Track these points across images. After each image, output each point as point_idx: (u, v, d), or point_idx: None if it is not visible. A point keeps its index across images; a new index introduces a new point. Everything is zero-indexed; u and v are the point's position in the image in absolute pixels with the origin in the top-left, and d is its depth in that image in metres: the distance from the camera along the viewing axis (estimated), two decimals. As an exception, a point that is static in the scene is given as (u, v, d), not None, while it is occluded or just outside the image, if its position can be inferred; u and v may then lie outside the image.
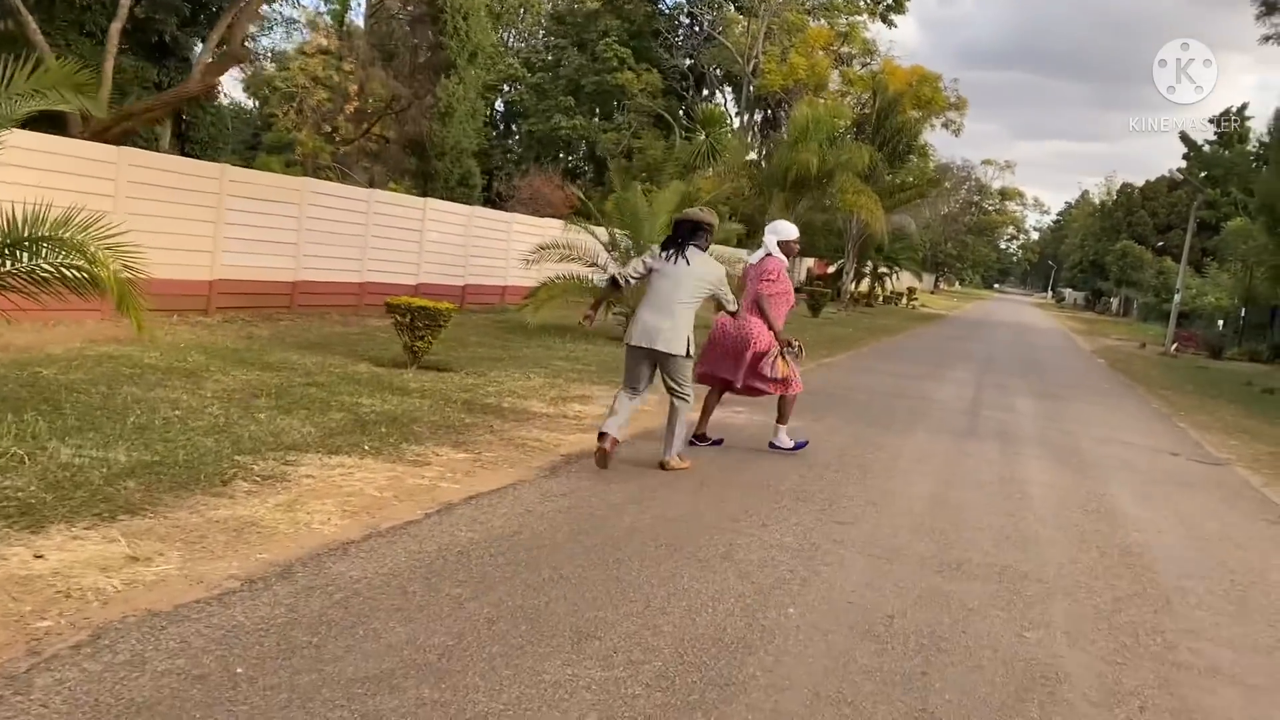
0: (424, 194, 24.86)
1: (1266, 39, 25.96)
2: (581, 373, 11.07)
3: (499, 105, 58.86)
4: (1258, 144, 44.09)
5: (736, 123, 46.20)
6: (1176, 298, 32.52)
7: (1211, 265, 48.95)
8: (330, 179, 21.45)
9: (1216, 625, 4.68)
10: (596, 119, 49.09)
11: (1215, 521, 7.15)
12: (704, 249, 6.85)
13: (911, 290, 50.27)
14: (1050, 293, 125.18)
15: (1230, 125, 65.60)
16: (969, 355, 21.52)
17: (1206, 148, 66.58)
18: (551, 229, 18.80)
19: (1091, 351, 29.53)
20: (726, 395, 8.08)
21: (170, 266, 11.48)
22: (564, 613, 3.83)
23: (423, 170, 27.55)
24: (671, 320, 6.58)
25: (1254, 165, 36.34)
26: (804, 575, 4.60)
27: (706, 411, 7.87)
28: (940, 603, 4.44)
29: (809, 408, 10.42)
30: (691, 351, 6.78)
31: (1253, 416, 15.29)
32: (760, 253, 7.71)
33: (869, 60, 41.99)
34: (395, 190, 22.60)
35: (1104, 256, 76.38)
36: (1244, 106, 74.57)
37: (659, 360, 6.74)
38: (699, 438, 7.73)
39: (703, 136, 32.99)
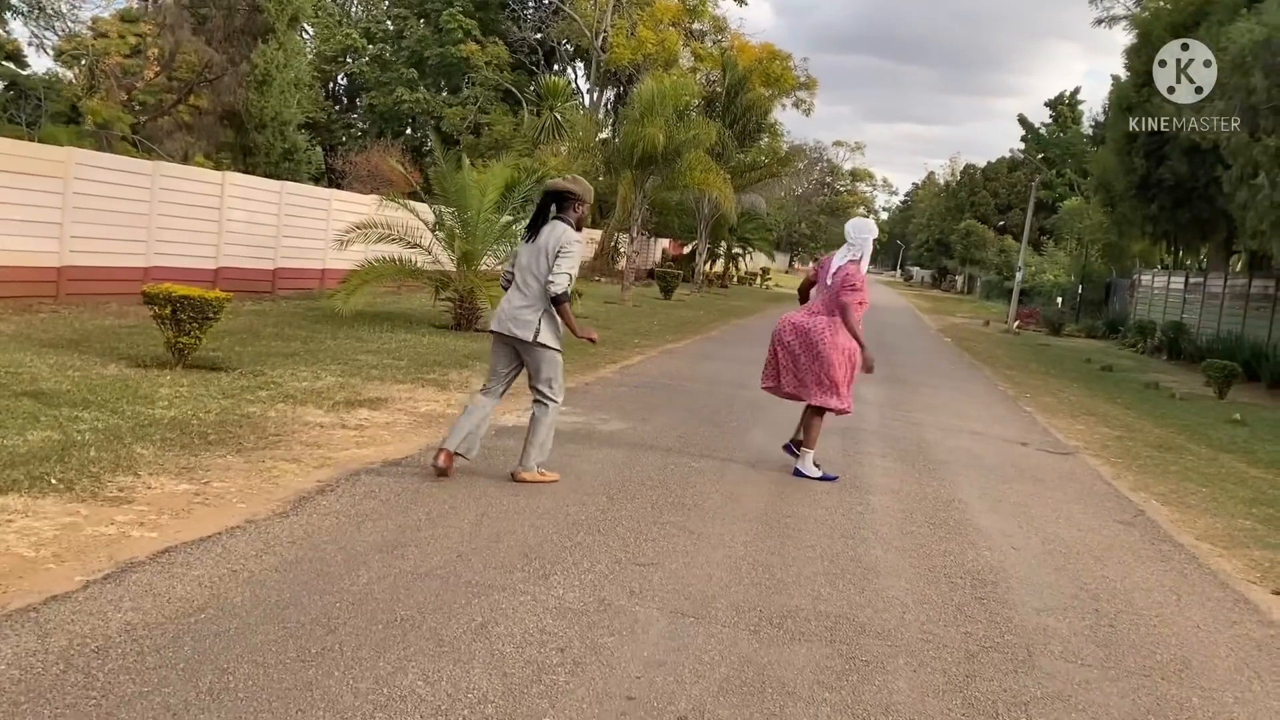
0: (247, 170, 22.80)
1: (1099, 23, 26.51)
2: (386, 370, 9.74)
3: (341, 79, 56.09)
4: (1091, 125, 45.77)
5: (588, 100, 45.03)
6: (1018, 276, 33.20)
7: (1049, 244, 50.75)
8: (130, 153, 19.22)
9: (1086, 684, 3.83)
10: (444, 93, 47.08)
11: (1070, 528, 6.45)
12: (574, 223, 5.98)
13: (765, 271, 50.28)
14: (899, 271, 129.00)
15: (1064, 109, 68.53)
16: (819, 337, 21.02)
17: (1043, 130, 69.42)
18: (386, 207, 17.16)
19: (938, 330, 29.73)
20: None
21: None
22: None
23: (242, 144, 25.39)
24: (524, 300, 5.89)
25: (1089, 146, 37.46)
26: (578, 654, 3.50)
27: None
28: (753, 686, 3.42)
29: (641, 405, 9.41)
30: (554, 343, 5.87)
31: (1095, 396, 15.16)
32: (846, 253, 6.92)
33: (719, 37, 41.41)
34: (201, 165, 20.50)
35: (949, 236, 78.73)
36: (1076, 91, 78.14)
37: (519, 350, 5.99)
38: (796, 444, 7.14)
39: (548, 110, 31.59)
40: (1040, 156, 63.18)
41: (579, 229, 6.09)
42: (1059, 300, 36.95)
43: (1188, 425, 12.65)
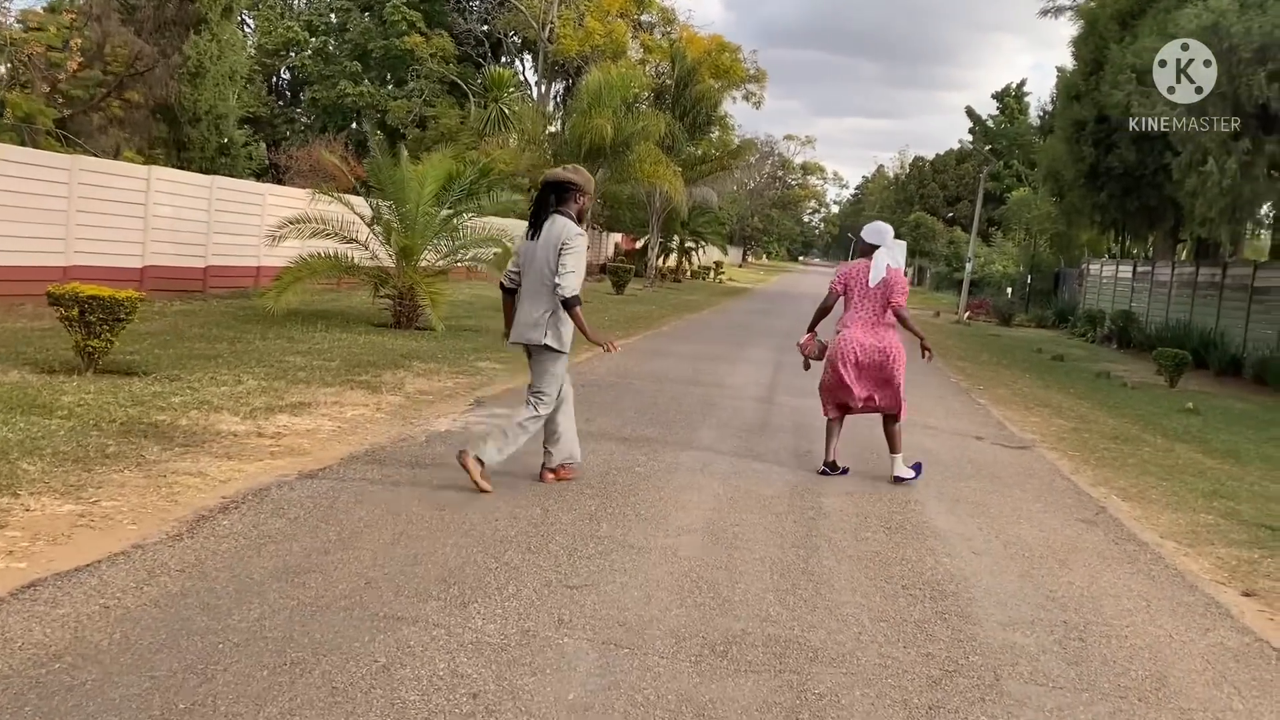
0: (182, 165, 21.99)
1: (1044, 13, 26.53)
2: (315, 372, 9.22)
3: (285, 73, 54.91)
4: (1039, 115, 46.07)
5: (536, 93, 44.40)
6: (969, 266, 33.24)
7: (998, 235, 51.08)
8: (55, 149, 18.39)
9: (1059, 712, 3.49)
10: (389, 87, 46.19)
11: (1031, 528, 6.15)
12: (575, 215, 5.74)
13: (718, 264, 50.02)
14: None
15: (1010, 101, 69.13)
16: (770, 331, 20.74)
17: (990, 122, 69.96)
18: (319, 201, 16.50)
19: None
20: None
21: None
22: None
23: (176, 139, 24.52)
24: (534, 305, 5.66)
25: (1036, 136, 37.67)
26: (492, 700, 3.08)
27: (830, 438, 7.16)
28: (691, 731, 3.03)
29: (586, 405, 8.96)
30: (558, 344, 5.58)
31: (1048, 387, 15.01)
32: (884, 261, 6.86)
33: (668, 29, 41.01)
34: (130, 160, 19.68)
35: (898, 228, 79.12)
36: (1023, 83, 78.84)
37: (533, 353, 5.80)
38: (830, 466, 7.03)
39: (493, 102, 30.98)
40: (988, 148, 63.70)
41: (581, 222, 5.77)
42: (1008, 291, 37.11)
43: (1142, 415, 12.51)
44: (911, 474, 7.09)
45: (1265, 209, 19.07)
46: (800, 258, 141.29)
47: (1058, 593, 4.89)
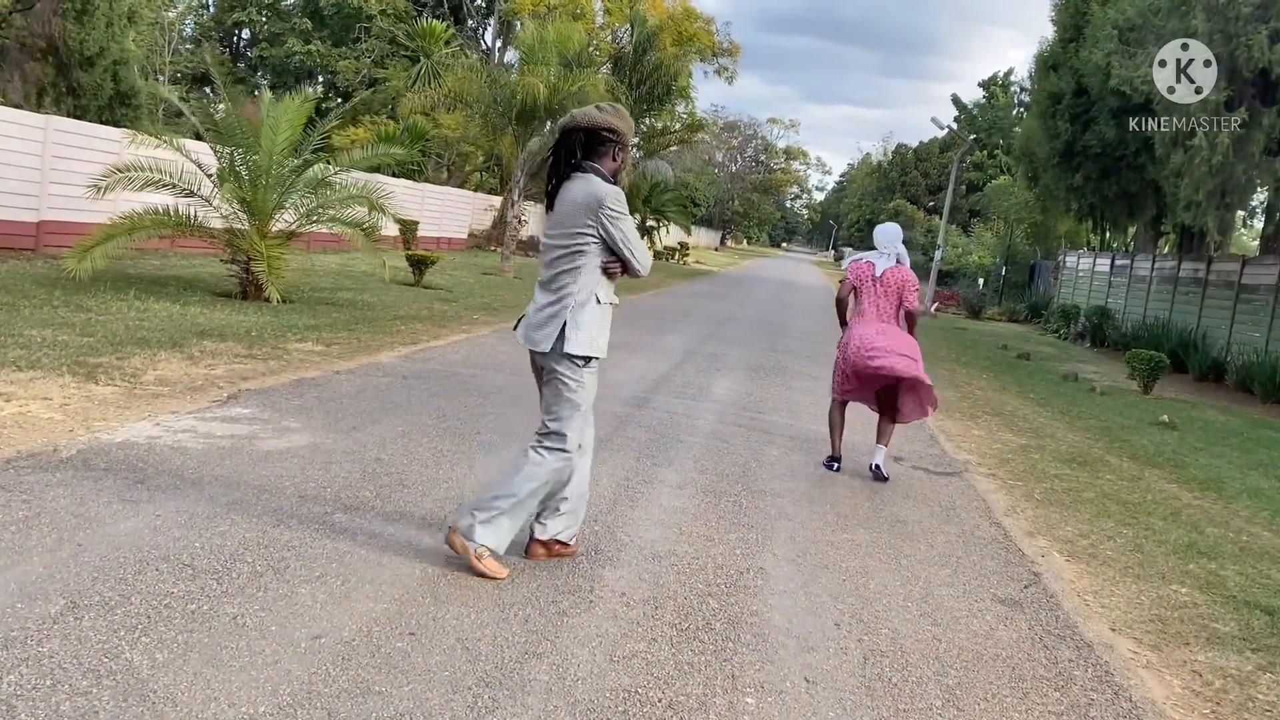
0: (77, 115, 19.72)
1: None
2: (39, 350, 7.08)
3: (245, 33, 52.50)
4: (1016, 90, 44.02)
5: (499, 58, 42.00)
6: (937, 255, 31.24)
7: (978, 225, 49.16)
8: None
9: None
10: (343, 47, 43.68)
11: (920, 617, 4.15)
12: (608, 172, 4.02)
13: (683, 245, 47.78)
14: (832, 251, 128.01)
15: (997, 89, 67.24)
16: (707, 316, 18.70)
17: (975, 110, 68.07)
18: (140, 144, 13.89)
19: (852, 311, 27.60)
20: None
21: None
22: None
23: (68, 84, 22.18)
24: (547, 296, 4.03)
25: (1015, 115, 35.70)
26: None
27: (836, 428, 6.90)
28: None
29: (377, 405, 6.89)
30: (588, 351, 3.94)
31: (1004, 390, 13.04)
32: (888, 259, 6.69)
33: (635, -8, 38.63)
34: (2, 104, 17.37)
35: (878, 215, 77.32)
36: (1010, 72, 76.99)
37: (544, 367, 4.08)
38: (838, 460, 6.82)
39: (425, 58, 28.68)
40: (972, 137, 61.78)
41: (618, 174, 4.10)
42: (981, 282, 35.18)
43: (1108, 428, 10.56)
44: (885, 475, 6.70)
45: (1258, 195, 17.03)
46: (783, 244, 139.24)
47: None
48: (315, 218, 11.89)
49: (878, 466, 6.69)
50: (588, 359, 3.93)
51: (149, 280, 11.85)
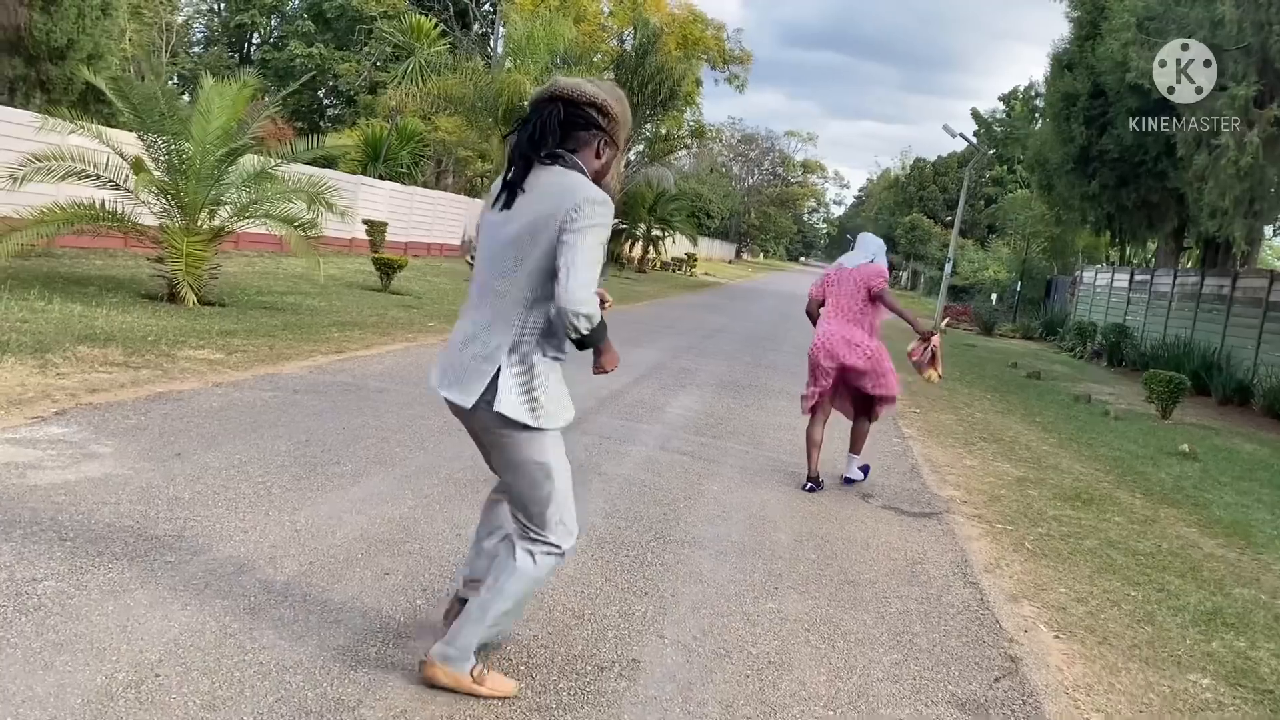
0: (46, 111, 18.87)
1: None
2: None
3: (255, 38, 52.15)
4: (1034, 94, 42.73)
5: (496, 61, 41.12)
6: (947, 268, 29.96)
7: (994, 240, 47.83)
8: None
9: None
10: (347, 50, 42.93)
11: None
12: (591, 171, 2.84)
13: (691, 256, 46.63)
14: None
15: (1017, 103, 65.96)
16: (694, 327, 17.59)
17: (994, 124, 66.81)
18: (124, 142, 13.08)
19: (858, 325, 26.39)
20: None
21: None
22: None
23: (38, 78, 21.37)
24: (478, 318, 2.89)
25: (1030, 121, 34.47)
26: None
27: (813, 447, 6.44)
28: None
29: (239, 424, 5.81)
30: (533, 417, 2.83)
31: (1008, 413, 11.85)
32: (862, 256, 6.61)
33: (640, -6, 37.67)
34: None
35: (894, 230, 76.08)
36: (1030, 85, 75.58)
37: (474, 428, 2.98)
38: (816, 481, 6.32)
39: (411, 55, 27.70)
40: (991, 151, 60.50)
41: (600, 184, 2.85)
42: (994, 298, 33.87)
43: (1120, 458, 9.37)
44: (860, 475, 6.76)
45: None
46: (801, 258, 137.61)
47: None
48: (249, 214, 10.86)
49: (848, 479, 6.72)
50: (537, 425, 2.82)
51: (70, 280, 10.86)
